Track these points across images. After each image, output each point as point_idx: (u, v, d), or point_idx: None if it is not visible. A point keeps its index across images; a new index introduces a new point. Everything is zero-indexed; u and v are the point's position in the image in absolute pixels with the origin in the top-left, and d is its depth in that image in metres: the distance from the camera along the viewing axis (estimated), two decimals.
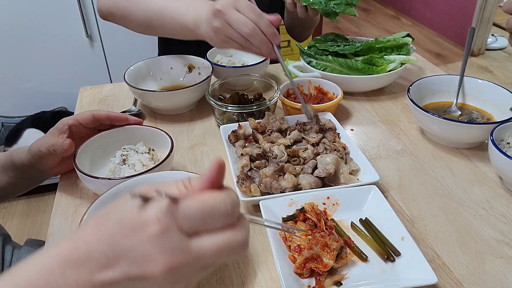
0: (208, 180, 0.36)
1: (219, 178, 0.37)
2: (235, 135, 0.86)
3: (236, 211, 0.37)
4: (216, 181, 0.37)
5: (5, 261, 0.83)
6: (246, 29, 0.79)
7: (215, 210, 0.35)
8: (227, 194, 0.37)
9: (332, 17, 1.05)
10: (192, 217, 0.35)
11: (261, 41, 0.81)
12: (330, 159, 0.76)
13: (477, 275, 0.62)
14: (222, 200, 0.36)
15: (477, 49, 3.45)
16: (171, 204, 0.35)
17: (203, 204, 0.35)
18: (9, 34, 1.93)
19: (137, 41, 2.06)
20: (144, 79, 1.08)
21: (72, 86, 1.97)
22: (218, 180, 0.37)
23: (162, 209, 0.35)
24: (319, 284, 0.59)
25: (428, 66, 1.25)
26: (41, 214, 2.07)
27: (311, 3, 1.03)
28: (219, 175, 0.37)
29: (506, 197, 0.76)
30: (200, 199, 0.35)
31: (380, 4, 4.81)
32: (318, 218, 0.65)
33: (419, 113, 0.87)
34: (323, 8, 1.03)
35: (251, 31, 0.80)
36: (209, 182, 0.36)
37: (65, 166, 0.80)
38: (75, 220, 0.74)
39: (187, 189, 0.37)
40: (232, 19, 0.80)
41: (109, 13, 1.08)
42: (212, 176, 0.36)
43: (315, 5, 1.03)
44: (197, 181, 0.37)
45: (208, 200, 0.35)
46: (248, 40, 0.81)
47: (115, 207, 0.38)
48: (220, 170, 0.37)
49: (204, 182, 0.37)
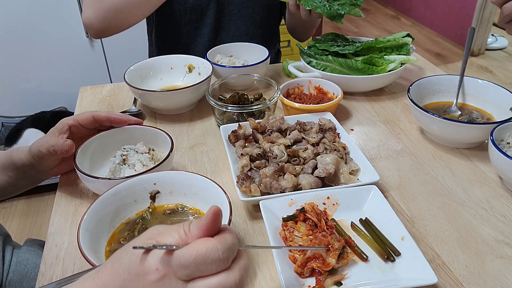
0: (204, 228, 0.40)
1: (215, 225, 0.40)
2: (235, 135, 0.86)
3: (230, 255, 0.40)
4: (212, 228, 0.40)
5: (5, 261, 0.83)
6: None
7: (208, 258, 0.39)
8: (221, 241, 0.40)
9: (338, 20, 1.03)
10: (186, 265, 0.39)
11: None
12: (330, 159, 0.76)
13: (477, 275, 0.62)
14: (215, 247, 0.39)
15: (477, 49, 3.45)
16: (167, 255, 0.39)
17: (197, 252, 0.39)
18: (9, 34, 1.93)
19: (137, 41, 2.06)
20: (144, 79, 1.08)
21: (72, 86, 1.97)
22: (214, 227, 0.40)
23: (159, 260, 0.39)
24: (319, 284, 0.58)
25: (428, 66, 1.25)
26: (41, 214, 2.07)
27: (315, 7, 1.02)
28: (214, 223, 0.40)
29: (506, 197, 0.76)
30: (194, 248, 0.39)
31: (380, 4, 4.81)
32: (318, 218, 0.65)
33: (419, 113, 0.87)
34: (328, 11, 1.02)
35: None
36: (205, 230, 0.40)
37: (65, 166, 0.80)
38: (75, 220, 0.74)
39: (186, 235, 0.40)
40: None
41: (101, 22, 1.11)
42: (208, 224, 0.40)
43: (319, 8, 1.01)
44: (195, 228, 0.40)
45: (201, 249, 0.39)
46: None
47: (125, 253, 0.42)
48: (215, 218, 0.40)
49: (200, 230, 0.40)
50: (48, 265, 0.65)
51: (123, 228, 0.66)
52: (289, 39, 2.49)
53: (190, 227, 0.40)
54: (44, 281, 0.63)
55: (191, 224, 0.40)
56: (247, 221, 0.72)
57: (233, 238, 0.41)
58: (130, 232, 0.65)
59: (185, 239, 0.40)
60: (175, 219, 0.67)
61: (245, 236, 0.69)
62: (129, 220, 0.67)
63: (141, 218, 0.67)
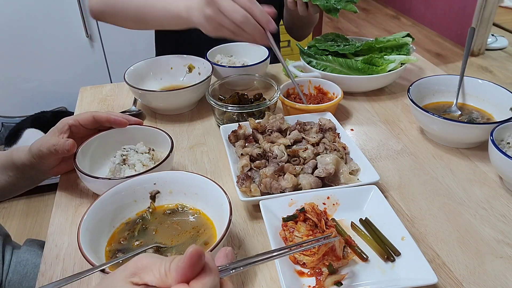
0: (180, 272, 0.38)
1: (192, 268, 0.38)
2: (235, 135, 0.86)
3: None
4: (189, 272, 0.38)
5: (5, 261, 0.83)
6: (238, 16, 0.80)
7: None
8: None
9: (334, 13, 1.05)
10: None
11: (254, 28, 0.82)
12: (330, 159, 0.76)
13: (477, 275, 0.62)
14: None
15: (477, 49, 3.45)
16: None
17: None
18: (9, 34, 1.93)
19: (137, 41, 2.06)
20: (144, 79, 1.08)
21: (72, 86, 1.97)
22: (192, 270, 0.38)
23: None
24: (319, 284, 0.59)
25: (428, 66, 1.25)
26: (41, 214, 2.07)
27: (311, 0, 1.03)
28: (191, 267, 0.38)
29: (506, 197, 0.76)
30: None
31: (380, 4, 4.81)
32: (318, 218, 0.65)
33: (419, 113, 0.87)
34: (324, 4, 1.04)
35: (243, 18, 0.80)
36: (181, 274, 0.38)
37: (65, 166, 0.80)
38: (75, 220, 0.74)
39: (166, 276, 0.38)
40: (224, 7, 0.81)
41: (100, 12, 1.08)
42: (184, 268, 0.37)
43: (316, 1, 1.03)
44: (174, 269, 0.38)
45: None
46: (240, 27, 0.82)
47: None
48: (192, 262, 0.37)
49: (177, 273, 0.38)
50: (48, 265, 0.65)
51: (123, 228, 0.66)
52: (289, 39, 2.49)
53: (171, 266, 0.39)
54: (44, 281, 0.63)
55: (172, 262, 0.39)
56: (247, 221, 0.72)
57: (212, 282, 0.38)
58: (130, 232, 0.65)
59: (164, 280, 0.38)
60: (175, 219, 0.67)
61: (245, 236, 0.69)
62: (129, 220, 0.67)
63: (141, 218, 0.67)
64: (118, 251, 0.62)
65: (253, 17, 0.82)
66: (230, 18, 0.81)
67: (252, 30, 0.82)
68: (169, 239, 0.64)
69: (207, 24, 0.85)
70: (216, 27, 0.84)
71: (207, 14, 0.83)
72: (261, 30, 0.83)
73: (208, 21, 0.84)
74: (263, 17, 0.83)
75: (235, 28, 0.82)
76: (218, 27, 0.84)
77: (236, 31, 0.83)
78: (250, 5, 0.81)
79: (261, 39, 0.85)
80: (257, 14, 0.82)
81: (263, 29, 0.84)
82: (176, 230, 0.65)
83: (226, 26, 0.83)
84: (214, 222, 0.66)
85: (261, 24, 0.83)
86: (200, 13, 0.85)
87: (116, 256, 0.60)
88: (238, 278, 0.62)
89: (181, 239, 0.64)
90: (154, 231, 0.65)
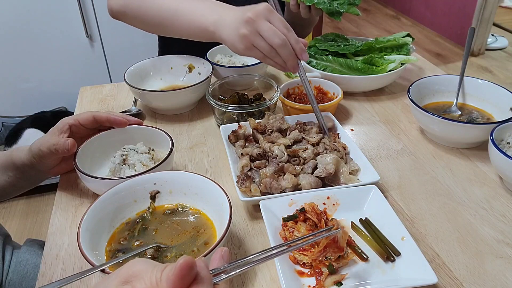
0: (171, 283, 0.37)
1: (183, 279, 0.37)
2: (235, 135, 0.86)
3: None
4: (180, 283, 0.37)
5: (5, 261, 0.83)
6: (278, 39, 0.80)
7: None
8: None
9: (336, 17, 1.05)
10: None
11: (289, 54, 0.82)
12: (330, 159, 0.76)
13: (477, 275, 0.62)
14: None
15: (477, 49, 3.45)
16: None
17: None
18: (9, 34, 1.93)
19: (137, 41, 2.06)
20: (144, 79, 1.08)
21: (72, 86, 1.97)
22: (183, 281, 0.37)
23: None
24: (319, 284, 0.59)
25: (428, 66, 1.25)
26: (41, 214, 2.07)
27: (315, 3, 1.03)
28: (181, 278, 0.37)
29: (506, 197, 0.76)
30: None
31: (380, 4, 4.81)
32: (318, 218, 0.65)
33: (419, 113, 0.87)
34: (327, 7, 1.04)
35: (282, 42, 0.80)
36: (171, 285, 0.37)
37: (65, 166, 0.80)
38: (75, 220, 0.74)
39: (158, 286, 0.38)
40: (263, 29, 0.80)
41: (121, 12, 1.06)
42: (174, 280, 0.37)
43: (320, 4, 1.04)
44: (164, 280, 0.38)
45: None
46: (276, 50, 0.81)
47: None
48: (183, 273, 0.37)
49: (168, 283, 0.37)
50: (48, 265, 0.65)
51: (123, 228, 0.66)
52: None
53: (162, 276, 0.38)
54: (44, 281, 0.63)
55: (164, 272, 0.38)
56: (247, 221, 0.72)
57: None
58: (130, 232, 0.65)
59: None
60: (175, 219, 0.67)
61: (245, 236, 0.69)
62: (129, 220, 0.67)
63: (141, 218, 0.67)
64: (118, 251, 0.62)
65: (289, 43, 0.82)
66: (269, 40, 0.80)
67: (287, 55, 0.82)
68: (169, 239, 0.64)
69: (239, 43, 0.83)
70: (249, 47, 0.83)
71: (243, 33, 0.81)
72: (295, 57, 0.83)
73: (241, 40, 0.82)
74: (298, 46, 0.83)
75: (270, 51, 0.82)
76: (251, 47, 0.83)
77: (269, 54, 0.82)
78: (287, 32, 0.82)
79: (292, 66, 0.84)
80: (293, 42, 0.82)
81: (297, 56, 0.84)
82: (176, 230, 0.65)
83: (260, 47, 0.82)
84: (214, 222, 0.66)
85: (295, 52, 0.83)
86: (234, 31, 0.83)
87: (116, 256, 0.60)
88: (238, 278, 0.62)
89: (181, 239, 0.64)
90: (154, 231, 0.65)
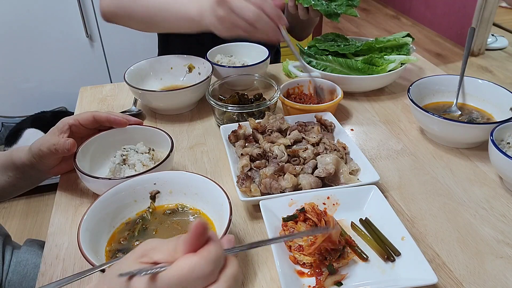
0: (187, 244, 0.39)
1: (198, 239, 0.39)
2: (235, 135, 0.86)
3: (215, 268, 0.39)
4: (196, 242, 0.39)
5: (5, 261, 0.83)
6: (250, 13, 0.80)
7: (191, 277, 0.38)
8: (204, 255, 0.39)
9: (334, 18, 1.05)
10: (172, 286, 0.38)
11: (267, 25, 0.82)
12: (330, 159, 0.76)
13: (477, 275, 0.62)
14: (197, 264, 0.38)
15: (477, 49, 3.45)
16: (152, 279, 0.38)
17: (180, 273, 0.38)
18: (9, 34, 1.93)
19: (137, 41, 2.06)
20: (144, 79, 1.08)
21: (72, 86, 1.97)
22: (198, 241, 0.39)
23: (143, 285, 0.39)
24: (319, 284, 0.59)
25: (428, 66, 1.25)
26: (41, 214, 2.07)
27: (313, 5, 1.03)
28: (196, 238, 0.39)
29: (506, 197, 0.76)
30: (176, 269, 0.38)
31: (380, 4, 4.81)
32: (318, 218, 0.65)
33: (419, 113, 0.87)
34: (325, 9, 1.05)
35: (256, 15, 0.80)
36: (188, 245, 0.39)
37: (65, 166, 0.80)
38: (75, 220, 0.74)
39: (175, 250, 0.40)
40: (235, 6, 0.81)
41: (113, 14, 1.08)
42: (190, 239, 0.39)
43: (317, 6, 1.04)
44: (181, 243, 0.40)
45: (184, 268, 0.38)
46: (253, 25, 0.81)
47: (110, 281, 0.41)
48: (197, 232, 0.39)
49: (185, 245, 0.39)
50: (48, 265, 0.65)
51: (123, 228, 0.66)
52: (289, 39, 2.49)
53: (178, 242, 0.40)
54: (44, 281, 0.63)
55: (179, 238, 0.40)
56: (247, 221, 0.72)
57: (216, 250, 0.40)
58: (130, 232, 0.65)
59: (173, 255, 0.40)
60: (175, 219, 0.67)
61: (245, 236, 0.69)
62: (129, 220, 0.67)
63: (141, 218, 0.67)
64: (118, 251, 0.62)
65: (265, 13, 0.82)
66: (243, 16, 0.81)
67: (265, 26, 0.82)
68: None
69: (219, 25, 0.84)
70: (229, 27, 0.84)
71: (219, 14, 0.82)
72: (274, 26, 0.83)
73: (220, 22, 0.83)
74: (275, 13, 0.83)
75: (248, 26, 0.82)
76: (231, 27, 0.83)
77: (249, 29, 0.83)
78: (261, 2, 0.82)
79: (274, 35, 0.84)
80: (268, 11, 0.82)
81: (276, 24, 0.84)
82: (176, 230, 0.65)
83: (239, 25, 0.83)
84: (214, 222, 0.66)
85: (273, 20, 0.83)
86: (212, 15, 0.85)
87: (116, 256, 0.60)
88: None
89: None
90: (154, 231, 0.65)
